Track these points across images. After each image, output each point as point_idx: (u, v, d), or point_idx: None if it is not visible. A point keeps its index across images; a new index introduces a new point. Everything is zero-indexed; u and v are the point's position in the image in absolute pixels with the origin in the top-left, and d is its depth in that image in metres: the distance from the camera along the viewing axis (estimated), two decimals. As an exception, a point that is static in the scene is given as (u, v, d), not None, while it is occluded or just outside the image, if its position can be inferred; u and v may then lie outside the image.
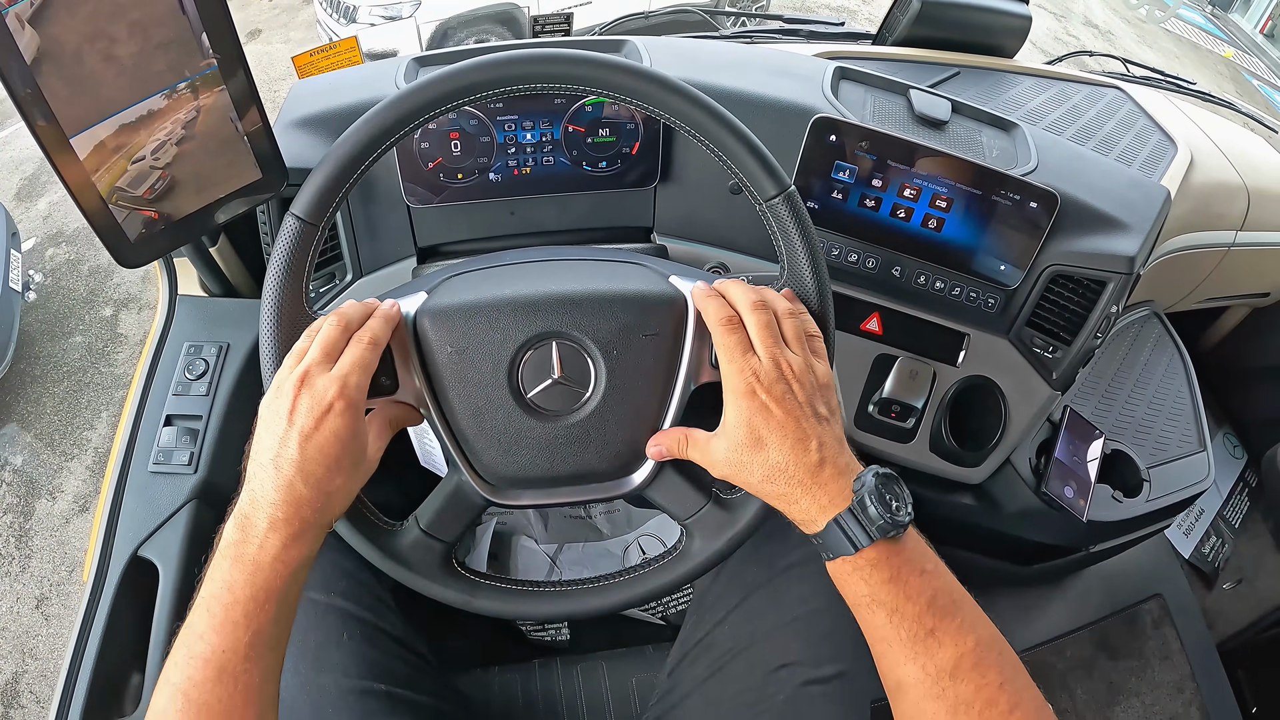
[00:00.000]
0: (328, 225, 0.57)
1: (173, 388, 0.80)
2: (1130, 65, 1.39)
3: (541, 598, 0.61)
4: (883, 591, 0.50)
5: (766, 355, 0.54)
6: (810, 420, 0.53)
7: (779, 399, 0.52)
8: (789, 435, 0.52)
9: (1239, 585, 1.50)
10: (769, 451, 0.52)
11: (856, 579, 0.51)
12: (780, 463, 0.52)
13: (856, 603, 0.52)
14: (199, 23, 0.60)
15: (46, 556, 2.35)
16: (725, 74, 0.86)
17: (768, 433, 0.52)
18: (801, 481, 0.52)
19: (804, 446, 0.52)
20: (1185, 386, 1.14)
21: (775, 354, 0.54)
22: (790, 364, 0.54)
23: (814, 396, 0.54)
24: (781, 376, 0.53)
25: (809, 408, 0.53)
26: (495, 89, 0.56)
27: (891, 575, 0.50)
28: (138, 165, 0.62)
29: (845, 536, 0.50)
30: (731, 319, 0.55)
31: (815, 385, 0.54)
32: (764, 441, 0.52)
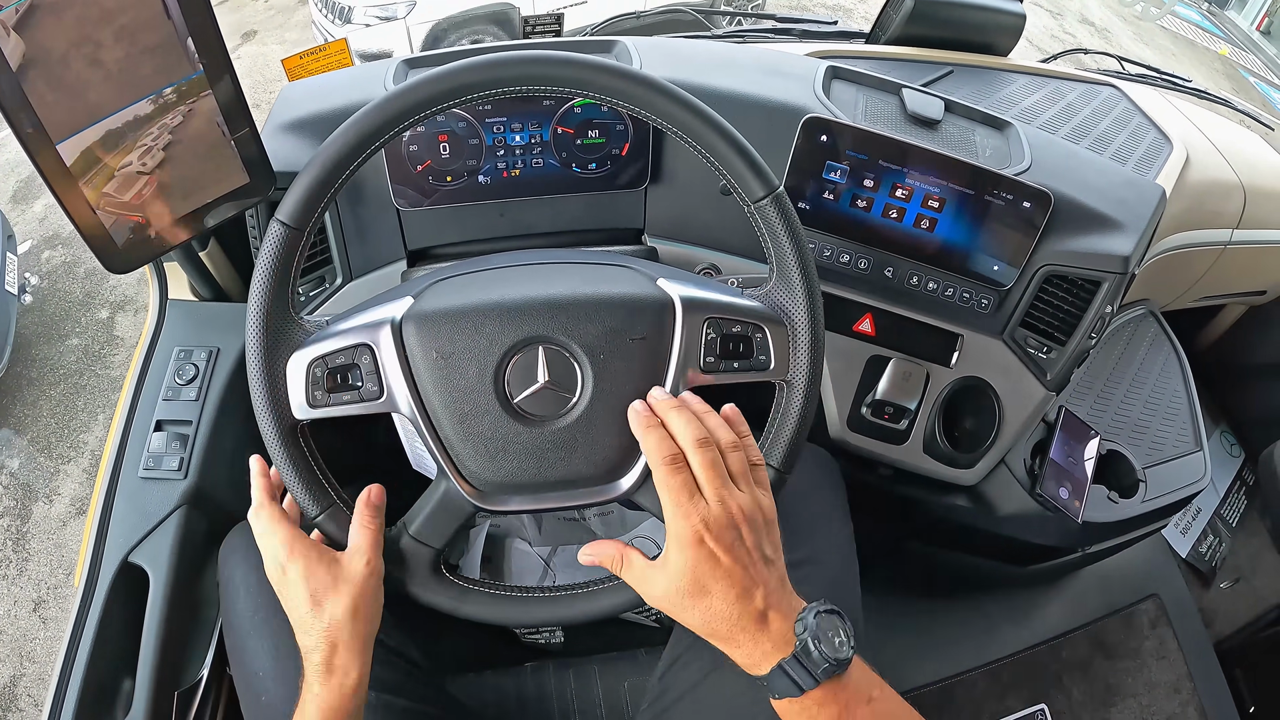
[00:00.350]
0: (314, 230, 0.57)
1: (163, 393, 0.80)
2: (1125, 63, 1.38)
3: (531, 603, 0.61)
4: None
5: (714, 498, 0.52)
6: (758, 566, 0.52)
7: (728, 547, 0.51)
8: (735, 584, 0.51)
9: (1236, 584, 1.49)
10: (712, 600, 0.51)
11: (803, 718, 0.51)
12: (723, 611, 0.51)
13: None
14: (184, 28, 0.60)
15: (44, 560, 2.34)
16: (716, 74, 0.85)
17: (713, 581, 0.51)
18: (745, 629, 0.51)
19: (749, 595, 0.51)
20: (1181, 385, 1.14)
21: (723, 495, 0.53)
22: (740, 506, 0.53)
23: (762, 539, 0.53)
24: (731, 522, 0.52)
25: (757, 552, 0.52)
26: (479, 92, 0.56)
27: (839, 711, 0.50)
28: (125, 171, 0.61)
29: (790, 680, 0.50)
30: (675, 457, 0.53)
31: (763, 525, 0.54)
32: (708, 590, 0.51)
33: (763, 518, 0.54)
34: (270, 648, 0.68)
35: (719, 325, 0.58)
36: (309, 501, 0.57)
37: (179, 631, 0.77)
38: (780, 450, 0.60)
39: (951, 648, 1.19)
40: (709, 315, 0.58)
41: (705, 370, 0.58)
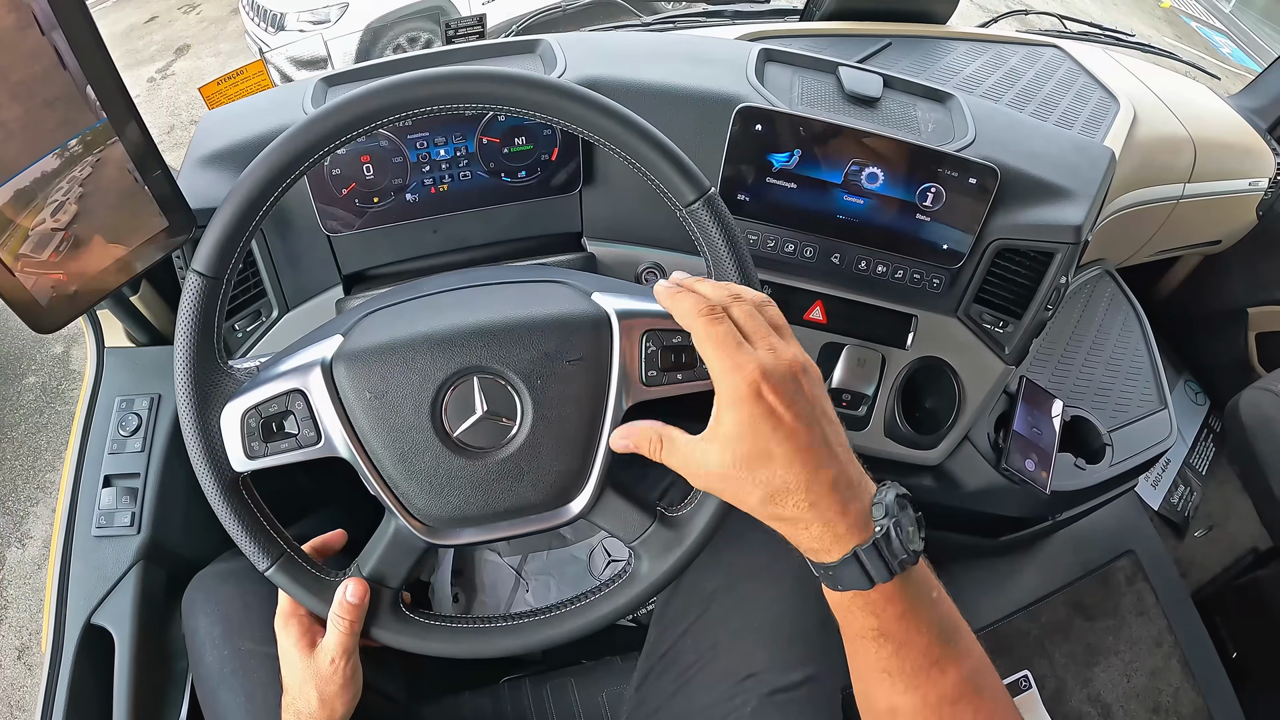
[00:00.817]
0: (234, 274, 0.55)
1: (108, 446, 0.79)
2: (1067, 21, 1.37)
3: (494, 634, 0.60)
4: (894, 625, 0.45)
5: (764, 346, 0.46)
6: (823, 426, 0.45)
7: (789, 400, 0.45)
8: (801, 446, 0.44)
9: (1210, 532, 1.51)
10: (775, 467, 0.44)
11: (865, 613, 0.46)
12: (789, 480, 0.44)
13: (859, 634, 0.47)
14: (82, 77, 0.58)
15: (23, 605, 2.30)
16: (644, 67, 0.83)
17: (776, 444, 0.44)
18: (815, 504, 0.44)
19: (817, 460, 0.44)
20: (1143, 344, 1.14)
21: (774, 344, 0.47)
22: (795, 355, 0.47)
23: (822, 395, 0.47)
24: (790, 372, 0.45)
25: (819, 410, 0.46)
26: (389, 116, 0.54)
27: (905, 609, 0.45)
28: (39, 229, 0.59)
29: (862, 571, 0.44)
30: (713, 309, 0.48)
31: (820, 380, 0.48)
32: (770, 455, 0.44)
33: (818, 373, 0.48)
34: (242, 701, 0.67)
35: (658, 337, 0.56)
36: (258, 555, 0.56)
37: (150, 689, 0.76)
38: None
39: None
40: (647, 328, 0.56)
41: (648, 384, 0.57)
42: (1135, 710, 1.19)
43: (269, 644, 0.65)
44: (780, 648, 0.69)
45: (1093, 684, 1.21)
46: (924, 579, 0.46)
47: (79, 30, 0.56)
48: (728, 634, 0.70)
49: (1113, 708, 1.19)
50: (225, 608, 0.71)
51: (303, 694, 0.58)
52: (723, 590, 0.73)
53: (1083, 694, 1.20)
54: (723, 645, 0.70)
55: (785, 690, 0.67)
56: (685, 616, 0.74)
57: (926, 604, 0.46)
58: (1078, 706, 1.19)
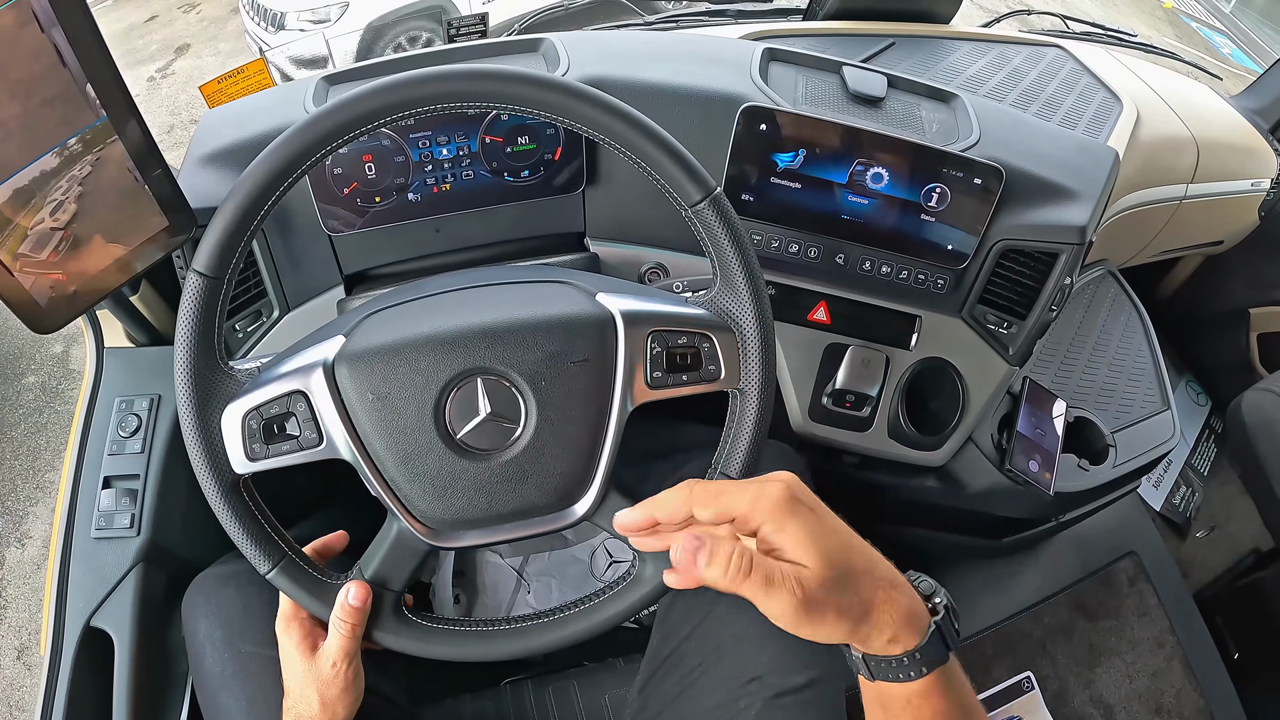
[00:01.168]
0: (235, 274, 0.54)
1: (108, 447, 0.78)
2: (1070, 21, 1.37)
3: (497, 637, 0.59)
4: (956, 700, 0.46)
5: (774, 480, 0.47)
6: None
7: (814, 499, 0.47)
8: (853, 534, 0.46)
9: (1212, 533, 1.51)
10: (856, 556, 0.45)
11: (937, 694, 0.46)
12: (872, 560, 0.46)
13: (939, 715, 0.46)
14: (82, 75, 0.57)
15: (22, 605, 2.29)
16: (648, 67, 0.82)
17: (841, 533, 0.46)
18: (895, 581, 0.46)
19: (866, 545, 0.47)
20: (1145, 344, 1.14)
21: (755, 481, 0.48)
22: (780, 478, 0.48)
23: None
24: (799, 482, 0.47)
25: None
26: (391, 115, 0.53)
27: (961, 680, 0.47)
28: (39, 228, 0.59)
29: (942, 640, 0.46)
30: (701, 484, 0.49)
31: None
32: (849, 548, 0.45)
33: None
34: (243, 704, 0.67)
35: (664, 338, 0.56)
36: (259, 558, 0.55)
37: (150, 692, 0.76)
38: (739, 459, 0.58)
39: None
40: (653, 328, 0.56)
41: (653, 386, 0.56)
42: (1137, 711, 1.19)
43: (270, 647, 0.65)
44: (784, 650, 0.69)
45: (1095, 685, 1.21)
46: (956, 660, 0.48)
47: (79, 28, 0.56)
48: (731, 636, 0.70)
49: (1115, 709, 1.19)
50: (226, 610, 0.71)
51: (304, 697, 0.58)
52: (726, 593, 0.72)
53: (1085, 695, 1.20)
54: (726, 648, 0.70)
55: (789, 693, 0.67)
56: (689, 619, 0.73)
57: (963, 675, 0.48)
58: (1080, 708, 1.18)
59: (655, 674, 0.74)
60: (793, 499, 0.45)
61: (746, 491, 0.45)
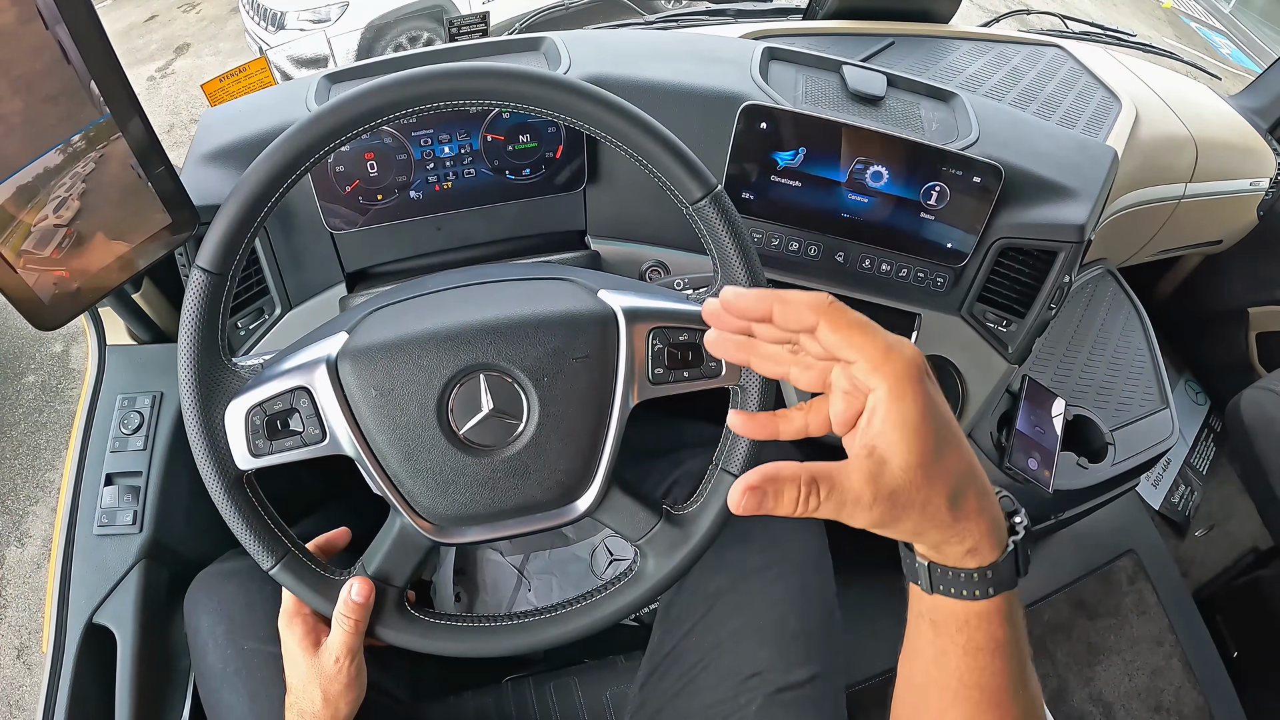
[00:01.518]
0: (239, 271, 0.55)
1: (110, 444, 0.79)
2: (1069, 21, 1.37)
3: (500, 633, 0.60)
4: (1012, 633, 0.43)
5: (909, 345, 0.41)
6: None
7: (938, 386, 0.40)
8: (958, 428, 0.41)
9: (1211, 532, 1.51)
10: (959, 458, 0.40)
11: (998, 621, 0.42)
12: (969, 472, 0.40)
13: (978, 647, 0.42)
14: (85, 71, 0.57)
15: (22, 605, 2.29)
16: (648, 65, 0.83)
17: (951, 430, 0.40)
18: (987, 495, 0.41)
19: (965, 440, 0.41)
20: (1144, 343, 1.14)
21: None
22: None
23: None
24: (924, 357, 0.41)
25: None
26: (395, 112, 0.54)
27: (1021, 613, 0.43)
28: (42, 225, 0.59)
29: (1015, 566, 0.42)
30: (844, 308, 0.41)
31: None
32: (950, 443, 0.39)
33: None
34: (245, 701, 0.67)
35: (665, 335, 0.56)
36: (262, 554, 0.56)
37: (152, 689, 0.76)
38: (740, 456, 0.58)
39: None
40: (654, 325, 0.56)
41: (655, 382, 0.57)
42: (1137, 709, 1.19)
43: (272, 643, 0.65)
44: (784, 646, 0.69)
45: (1094, 683, 1.21)
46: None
47: (82, 24, 0.56)
48: (731, 633, 0.70)
49: (1114, 707, 1.19)
50: (228, 607, 0.71)
51: (306, 693, 0.58)
52: (727, 589, 0.72)
53: (1084, 693, 1.20)
54: (727, 644, 0.70)
55: (790, 689, 0.67)
56: (689, 616, 0.73)
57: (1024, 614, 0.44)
58: (1079, 705, 1.19)
59: (656, 671, 0.74)
60: (922, 375, 0.39)
61: (879, 341, 0.38)
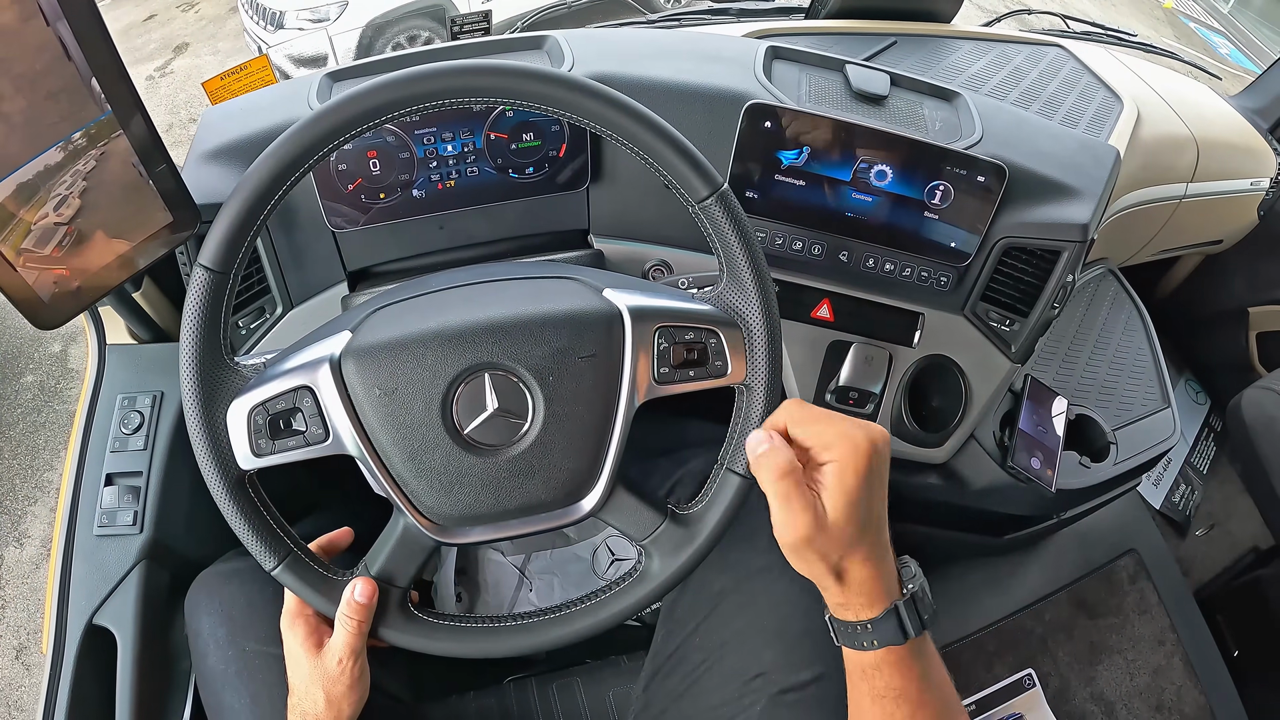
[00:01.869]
0: (241, 269, 0.54)
1: (110, 444, 0.78)
2: (1070, 21, 1.37)
3: (503, 633, 0.59)
4: (914, 686, 0.49)
5: (869, 429, 0.51)
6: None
7: (884, 466, 0.50)
8: (884, 513, 0.50)
9: (1211, 531, 1.51)
10: (867, 534, 0.49)
11: (892, 672, 0.49)
12: (871, 539, 0.49)
13: (881, 694, 0.50)
14: (87, 69, 0.57)
15: (20, 605, 2.28)
16: (652, 64, 0.82)
17: (875, 511, 0.49)
18: (879, 561, 0.49)
19: (884, 522, 0.50)
20: (1145, 343, 1.14)
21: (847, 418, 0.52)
22: (885, 435, 0.52)
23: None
24: (887, 442, 0.51)
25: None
26: (398, 110, 0.53)
27: (923, 670, 0.50)
28: (42, 223, 0.58)
29: (899, 626, 0.49)
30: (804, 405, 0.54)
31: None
32: (869, 523, 0.49)
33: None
34: (247, 702, 0.67)
35: (671, 334, 0.56)
36: (264, 554, 0.55)
37: (153, 690, 0.76)
38: (745, 456, 0.58)
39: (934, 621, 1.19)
40: (660, 324, 0.56)
41: (660, 381, 0.56)
42: (1138, 708, 1.19)
43: (274, 644, 0.64)
44: (789, 647, 0.68)
45: (1096, 682, 1.21)
46: (933, 648, 0.52)
47: (84, 22, 0.56)
48: (735, 633, 0.70)
49: (1116, 706, 1.19)
50: (229, 608, 0.71)
51: (309, 695, 0.58)
52: (731, 589, 0.72)
53: (1086, 692, 1.20)
54: (731, 645, 0.70)
55: (794, 690, 0.66)
56: (693, 616, 0.73)
57: (937, 668, 0.51)
58: (1081, 705, 1.19)
59: (659, 671, 0.74)
60: (870, 460, 0.48)
61: (836, 428, 0.49)
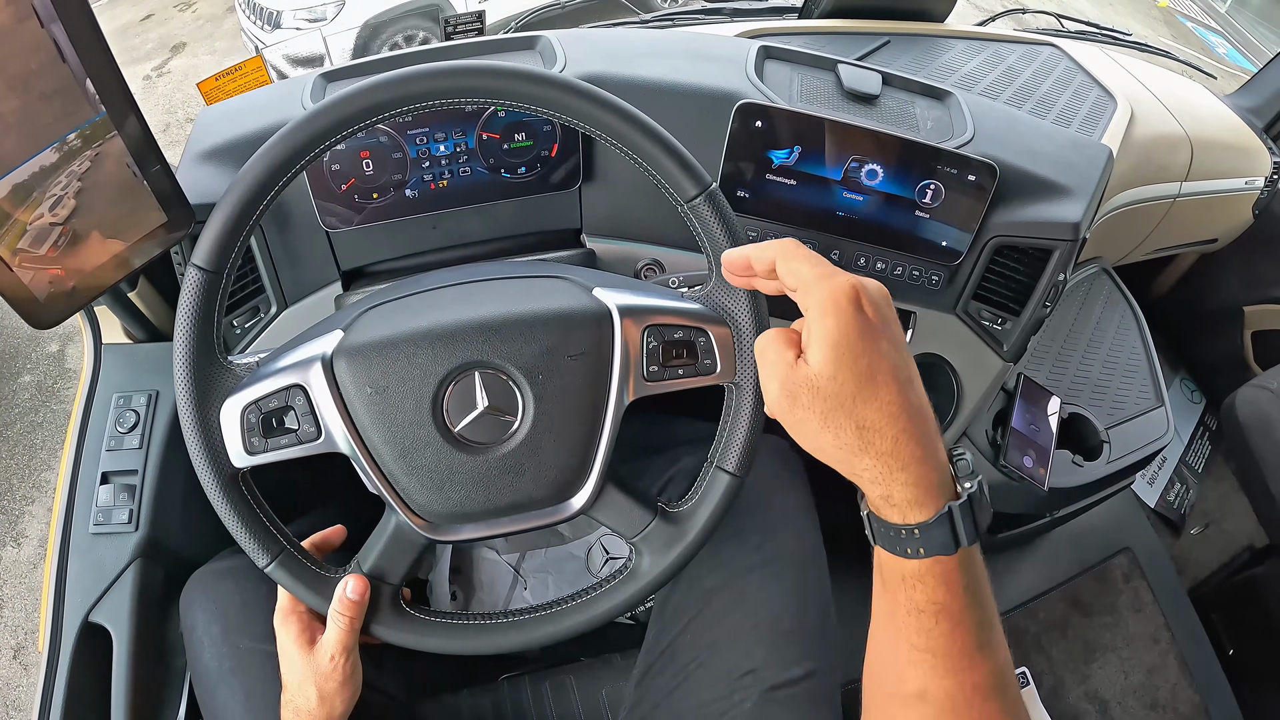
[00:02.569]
0: (234, 269, 0.55)
1: (106, 443, 0.79)
2: (1064, 20, 1.37)
3: (495, 631, 0.60)
4: (957, 601, 0.42)
5: (856, 276, 0.43)
6: (908, 354, 0.42)
7: (885, 320, 0.42)
8: (901, 373, 0.40)
9: (1206, 530, 1.52)
10: (879, 390, 0.40)
11: (936, 584, 0.42)
12: (893, 410, 0.40)
13: (917, 608, 0.43)
14: (81, 70, 0.57)
15: (18, 605, 2.29)
16: (643, 64, 0.83)
17: (879, 360, 0.40)
18: (914, 436, 0.40)
19: (914, 392, 0.41)
20: (1139, 342, 1.14)
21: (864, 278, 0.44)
22: (879, 286, 0.44)
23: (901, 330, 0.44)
24: (883, 292, 0.43)
25: (902, 339, 0.43)
26: (389, 111, 0.54)
27: (969, 583, 0.42)
28: (38, 224, 0.59)
29: (952, 532, 0.41)
30: (800, 245, 0.46)
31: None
32: (874, 374, 0.40)
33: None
34: (241, 699, 0.67)
35: (660, 332, 0.57)
36: (257, 552, 0.56)
37: (148, 687, 0.76)
38: (735, 454, 0.59)
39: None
40: (649, 322, 0.56)
41: (650, 380, 0.57)
42: (1133, 707, 1.20)
43: (268, 642, 0.65)
44: (780, 644, 0.69)
45: (1090, 681, 1.21)
46: (979, 555, 0.44)
47: (78, 23, 0.56)
48: (727, 630, 0.70)
49: (1110, 704, 1.20)
50: (223, 605, 0.71)
51: (302, 691, 0.58)
52: (722, 586, 0.72)
53: (1080, 691, 1.20)
54: (722, 642, 0.70)
55: (785, 686, 0.67)
56: (685, 613, 0.73)
57: (983, 579, 0.43)
58: (1075, 703, 1.19)
59: (651, 668, 0.74)
60: (853, 302, 0.41)
61: (817, 270, 0.43)
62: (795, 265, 0.44)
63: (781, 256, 0.45)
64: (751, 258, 0.47)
